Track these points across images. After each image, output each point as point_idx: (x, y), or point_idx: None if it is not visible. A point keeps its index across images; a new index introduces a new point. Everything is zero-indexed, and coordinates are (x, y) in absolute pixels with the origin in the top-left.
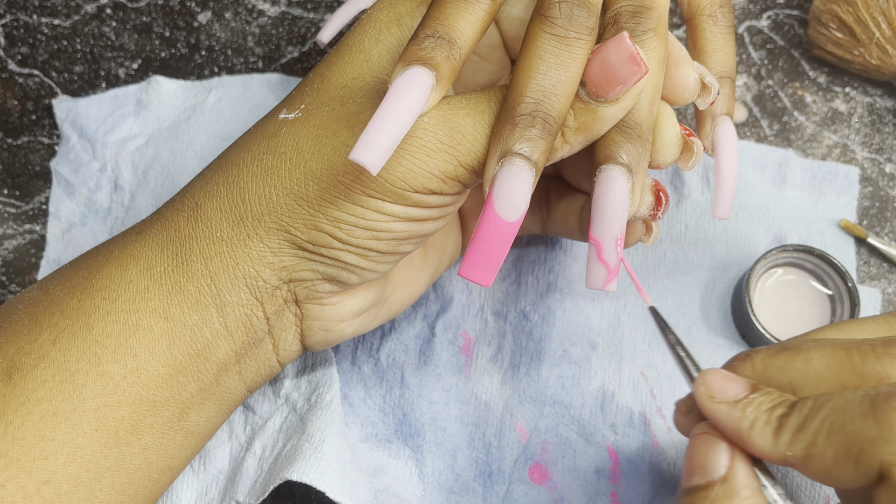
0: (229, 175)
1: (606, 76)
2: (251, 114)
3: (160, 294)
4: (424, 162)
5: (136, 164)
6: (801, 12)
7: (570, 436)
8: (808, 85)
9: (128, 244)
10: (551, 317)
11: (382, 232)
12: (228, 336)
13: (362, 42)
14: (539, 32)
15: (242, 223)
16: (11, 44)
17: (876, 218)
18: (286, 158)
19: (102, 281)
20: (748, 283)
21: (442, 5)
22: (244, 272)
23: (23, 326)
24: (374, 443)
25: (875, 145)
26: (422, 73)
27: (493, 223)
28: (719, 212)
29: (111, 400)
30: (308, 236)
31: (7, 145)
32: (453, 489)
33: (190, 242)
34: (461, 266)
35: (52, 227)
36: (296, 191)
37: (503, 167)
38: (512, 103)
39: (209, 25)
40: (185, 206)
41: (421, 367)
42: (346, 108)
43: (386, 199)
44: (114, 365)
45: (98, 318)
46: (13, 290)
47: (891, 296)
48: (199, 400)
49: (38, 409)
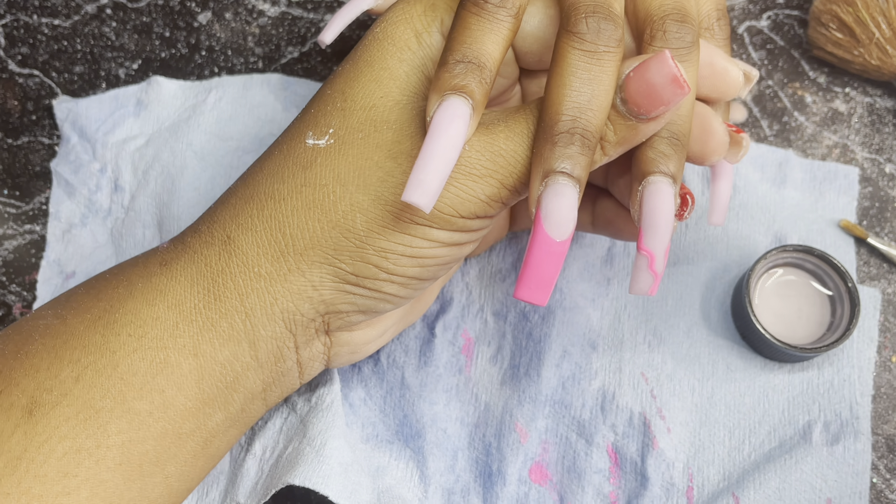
0: (264, 208)
1: (649, 97)
2: (251, 114)
3: (190, 331)
4: (471, 188)
5: (136, 165)
6: (800, 12)
7: (569, 436)
8: (808, 85)
9: (152, 277)
10: (551, 317)
11: (427, 258)
12: (258, 368)
13: (384, 59)
14: (569, 49)
15: (283, 258)
16: (12, 44)
17: (876, 218)
18: (329, 191)
19: (127, 316)
20: (748, 284)
21: (466, 27)
22: (282, 307)
23: (42, 360)
24: (374, 444)
25: (875, 145)
26: (460, 104)
27: (544, 244)
28: (715, 219)
29: (136, 435)
30: (354, 268)
31: (7, 145)
32: (454, 490)
33: (223, 278)
34: (516, 289)
35: (52, 227)
36: (342, 223)
37: (548, 187)
38: (549, 122)
39: (209, 26)
40: (216, 240)
41: (421, 367)
42: (382, 134)
43: (433, 225)
44: (140, 402)
45: (124, 355)
46: (13, 290)
47: (891, 296)
48: (223, 427)
49: (61, 446)
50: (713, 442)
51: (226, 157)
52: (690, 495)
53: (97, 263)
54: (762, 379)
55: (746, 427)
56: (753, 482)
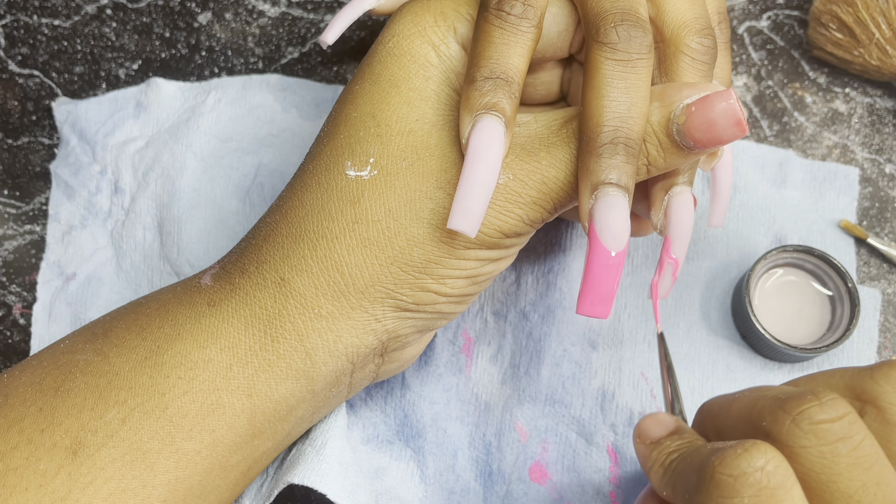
0: (317, 248)
1: (709, 134)
2: (250, 115)
3: (245, 373)
4: (517, 214)
5: (136, 167)
6: (800, 13)
7: (569, 435)
8: (808, 85)
9: (201, 318)
10: (551, 316)
11: (479, 276)
12: (312, 398)
13: (409, 79)
14: (602, 60)
15: (344, 297)
16: (11, 44)
17: (876, 218)
18: (383, 227)
19: (176, 358)
20: (748, 284)
21: (491, 42)
22: (346, 343)
23: (85, 400)
24: (375, 444)
25: (875, 146)
26: (493, 124)
27: (602, 258)
28: (714, 221)
29: (183, 474)
30: (414, 298)
31: (7, 146)
32: (454, 489)
33: (280, 320)
34: (579, 305)
35: (51, 229)
36: (400, 258)
37: (598, 200)
38: (591, 135)
39: (209, 26)
40: (268, 282)
41: (421, 367)
42: (426, 163)
43: (482, 247)
44: (189, 442)
45: (173, 397)
46: (13, 290)
47: (891, 296)
48: (269, 454)
49: (107, 487)
50: None
51: (225, 158)
52: None
53: (97, 265)
54: (762, 379)
55: None
56: None
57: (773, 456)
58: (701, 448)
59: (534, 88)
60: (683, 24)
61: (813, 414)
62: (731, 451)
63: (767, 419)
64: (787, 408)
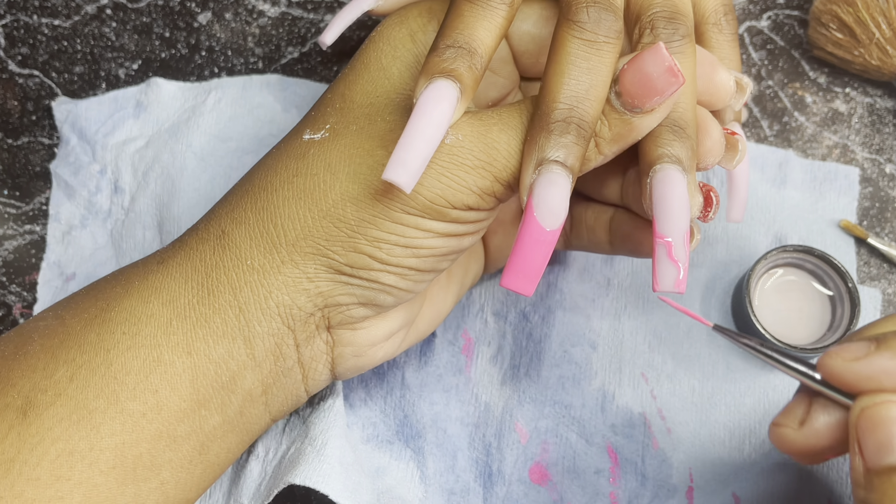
0: (257, 200)
1: (643, 87)
2: (250, 115)
3: (183, 328)
4: (462, 179)
5: (135, 167)
6: (801, 13)
7: (569, 436)
8: (809, 85)
9: (149, 275)
10: (551, 317)
11: (422, 249)
12: (256, 367)
13: (379, 59)
14: (568, 37)
15: (275, 249)
16: (11, 44)
17: (876, 218)
18: (319, 180)
19: (122, 314)
20: (748, 284)
21: (459, 14)
22: (277, 301)
23: (38, 360)
24: (375, 444)
25: (875, 146)
26: (446, 85)
27: (533, 232)
28: (734, 215)
29: (130, 438)
30: (347, 259)
31: (7, 146)
32: (454, 490)
33: (217, 272)
34: (503, 277)
35: (51, 229)
36: (332, 213)
37: (541, 175)
38: (545, 110)
39: (209, 26)
40: (211, 235)
41: (421, 367)
42: (375, 126)
43: (425, 215)
44: (133, 402)
45: (117, 353)
46: (13, 290)
47: (891, 296)
48: (221, 432)
49: (55, 448)
50: (713, 442)
51: (225, 158)
52: (690, 495)
53: (97, 265)
54: (762, 379)
55: (746, 427)
56: (753, 482)
57: None
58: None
59: None
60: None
61: None
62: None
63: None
64: None
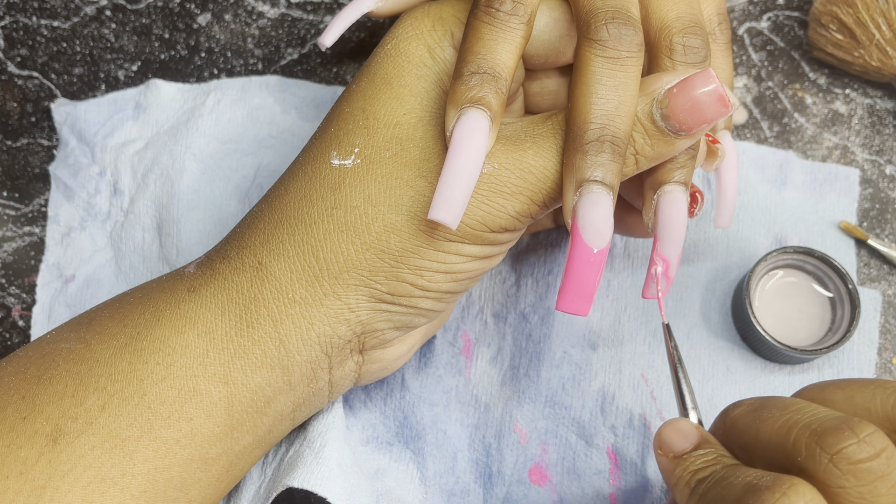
0: (295, 233)
1: (693, 114)
2: (250, 116)
3: (221, 359)
4: (501, 205)
5: (135, 168)
6: (801, 14)
7: (569, 437)
8: (809, 86)
9: (181, 303)
10: (551, 318)
11: (460, 273)
12: (290, 391)
13: (401, 76)
14: (591, 57)
15: (318, 282)
16: (11, 46)
17: (876, 220)
18: (360, 213)
19: (154, 343)
20: (748, 285)
21: (479, 38)
22: (319, 332)
23: (66, 387)
24: (375, 446)
25: (875, 147)
26: (478, 116)
27: (584, 255)
28: (721, 222)
29: (162, 463)
30: (389, 287)
31: (6, 147)
32: (454, 491)
33: (256, 305)
34: (559, 301)
35: (51, 231)
36: (376, 245)
37: (582, 196)
38: (578, 132)
39: (209, 27)
40: (246, 266)
41: (421, 369)
42: (409, 153)
43: (465, 241)
44: (167, 430)
45: (151, 383)
46: (12, 292)
47: (891, 297)
48: (250, 450)
49: (86, 475)
50: None
51: (225, 160)
52: None
53: (97, 267)
54: (762, 381)
55: None
56: None
57: (811, 498)
58: (731, 477)
59: (541, 98)
60: (665, 26)
61: (852, 454)
62: (770, 495)
63: (804, 455)
64: (824, 445)
